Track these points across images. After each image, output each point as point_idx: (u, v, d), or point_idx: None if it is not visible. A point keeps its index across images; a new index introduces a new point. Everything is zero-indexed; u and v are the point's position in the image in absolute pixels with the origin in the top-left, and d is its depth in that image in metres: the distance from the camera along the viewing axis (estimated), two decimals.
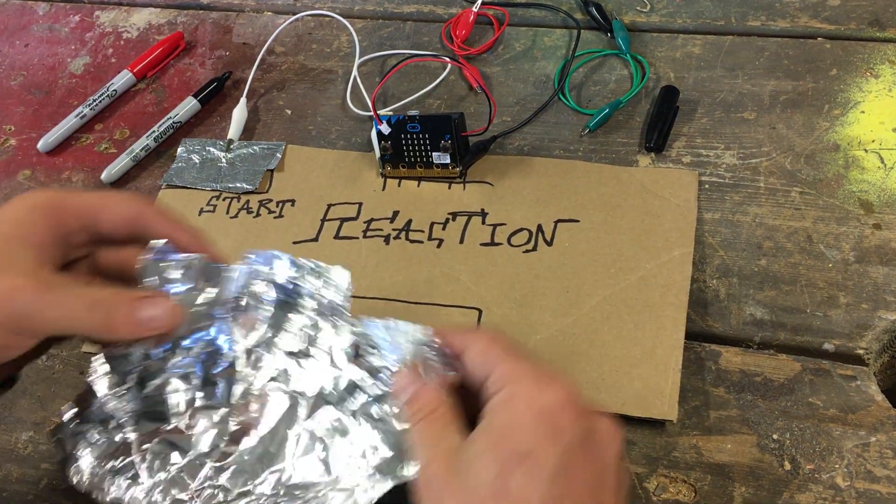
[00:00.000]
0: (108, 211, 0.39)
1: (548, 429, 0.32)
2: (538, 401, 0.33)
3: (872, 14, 0.58)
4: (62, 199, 0.38)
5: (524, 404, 0.33)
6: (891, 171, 0.50)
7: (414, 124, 0.52)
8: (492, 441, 0.33)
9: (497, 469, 0.32)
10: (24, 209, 0.37)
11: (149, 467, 0.37)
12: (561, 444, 0.32)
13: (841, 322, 0.45)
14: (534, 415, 0.32)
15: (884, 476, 0.40)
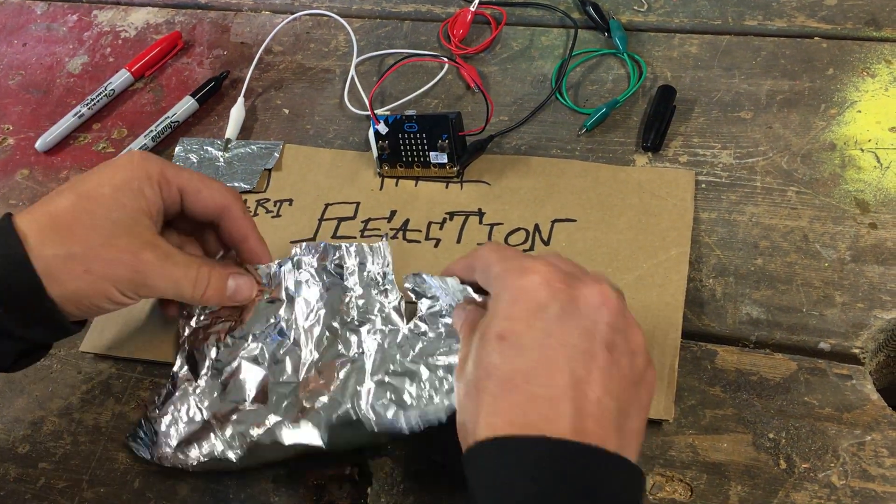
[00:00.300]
0: (205, 195, 0.45)
1: (525, 307, 0.35)
2: (516, 287, 0.36)
3: (869, 14, 0.58)
4: (172, 175, 0.44)
5: (507, 294, 0.36)
6: (887, 170, 0.50)
7: (411, 124, 0.52)
8: (481, 332, 0.36)
9: (480, 353, 0.35)
10: (140, 177, 0.42)
11: (229, 442, 0.43)
12: (541, 317, 0.34)
13: (837, 321, 0.45)
14: (512, 299, 0.35)
15: (879, 475, 0.40)
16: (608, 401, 0.33)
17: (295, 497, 0.43)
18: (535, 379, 0.33)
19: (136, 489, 0.45)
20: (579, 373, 0.33)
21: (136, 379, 0.49)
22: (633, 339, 0.36)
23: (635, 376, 0.35)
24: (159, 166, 0.43)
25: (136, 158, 0.43)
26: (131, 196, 0.42)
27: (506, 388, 0.34)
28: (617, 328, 0.35)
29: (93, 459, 0.46)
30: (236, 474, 0.45)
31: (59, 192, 0.42)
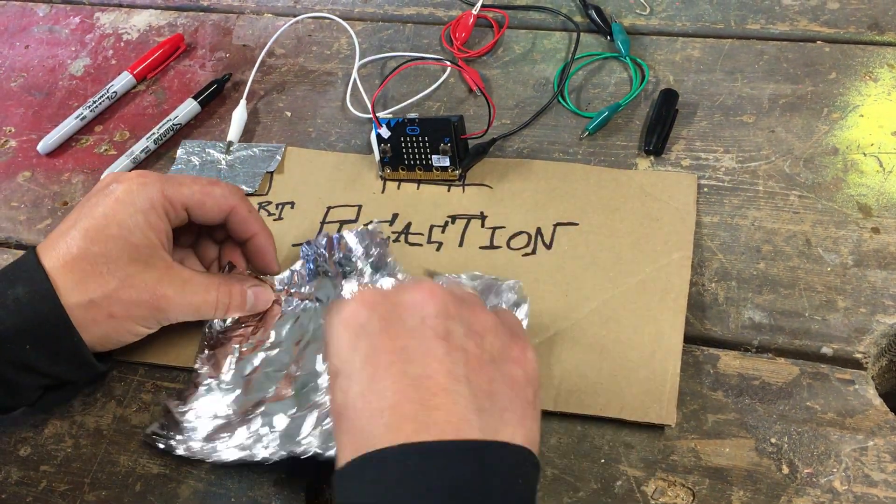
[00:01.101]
0: (210, 205, 0.45)
1: (347, 336, 0.34)
2: (336, 322, 0.35)
3: (871, 18, 0.58)
4: (174, 194, 0.44)
5: (330, 331, 0.35)
6: (889, 174, 0.50)
7: (413, 127, 0.52)
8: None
9: (330, 397, 0.35)
10: (144, 209, 0.43)
11: (258, 435, 0.43)
12: (363, 336, 0.34)
13: (839, 326, 0.45)
14: (336, 335, 0.35)
15: (881, 480, 0.40)
16: (457, 386, 0.31)
17: (297, 500, 0.43)
18: (372, 395, 0.32)
19: (138, 492, 0.45)
20: (416, 371, 0.32)
21: (137, 382, 0.49)
22: (475, 321, 0.34)
23: (489, 355, 0.34)
24: (160, 190, 0.43)
25: (136, 187, 0.43)
26: (140, 231, 0.43)
27: (348, 418, 0.33)
28: (448, 316, 0.33)
29: (94, 462, 0.46)
30: (237, 477, 0.44)
31: (71, 228, 0.43)
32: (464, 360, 0.33)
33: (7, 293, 0.41)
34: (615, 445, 0.43)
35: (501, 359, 0.34)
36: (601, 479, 0.42)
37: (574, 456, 0.43)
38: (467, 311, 0.35)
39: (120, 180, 0.44)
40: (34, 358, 0.41)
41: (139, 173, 0.44)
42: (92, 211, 0.43)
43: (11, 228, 0.59)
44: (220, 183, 0.46)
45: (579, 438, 0.44)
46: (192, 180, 0.45)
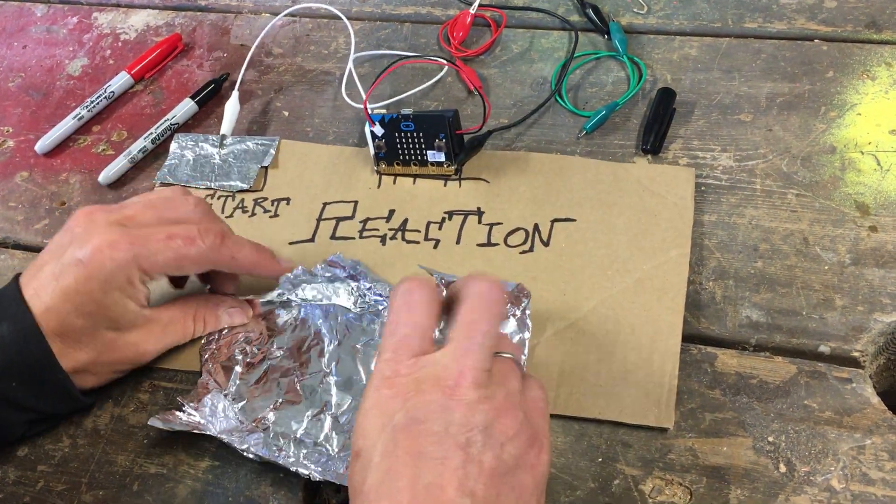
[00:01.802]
0: (187, 266, 0.44)
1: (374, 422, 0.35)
2: (370, 399, 0.35)
3: (869, 16, 0.58)
4: (148, 266, 0.43)
5: (364, 404, 0.36)
6: (887, 173, 0.50)
7: (408, 123, 0.52)
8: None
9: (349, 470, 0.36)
10: (120, 280, 0.42)
11: (272, 442, 0.44)
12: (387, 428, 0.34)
13: (837, 324, 0.45)
14: (364, 412, 0.35)
15: (879, 479, 0.40)
16: (462, 500, 0.32)
17: (294, 500, 0.43)
18: (383, 492, 0.32)
19: (135, 492, 0.45)
20: (428, 479, 0.32)
21: (134, 381, 0.49)
22: (498, 428, 0.34)
23: (505, 466, 0.33)
24: (133, 263, 0.42)
25: (108, 263, 0.42)
26: (118, 305, 0.43)
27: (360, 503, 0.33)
28: (473, 426, 0.33)
29: (91, 462, 0.46)
30: (234, 477, 0.44)
31: (52, 281, 0.42)
32: (476, 474, 0.33)
33: None
34: (613, 444, 0.43)
35: (515, 466, 0.34)
36: (599, 478, 0.42)
37: (572, 455, 0.43)
38: (494, 416, 0.34)
39: (89, 239, 0.42)
40: (20, 395, 0.42)
41: (108, 241, 0.42)
42: (68, 274, 0.42)
43: (9, 228, 0.59)
44: (195, 238, 0.44)
45: (577, 437, 0.44)
46: (165, 240, 0.43)
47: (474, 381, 0.34)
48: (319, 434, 0.43)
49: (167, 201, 0.46)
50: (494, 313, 0.37)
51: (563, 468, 0.43)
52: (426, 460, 0.32)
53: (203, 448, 0.45)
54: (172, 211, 0.45)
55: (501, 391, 0.35)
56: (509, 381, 0.36)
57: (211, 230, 0.44)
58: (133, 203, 0.45)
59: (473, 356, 0.35)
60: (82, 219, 0.44)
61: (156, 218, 0.44)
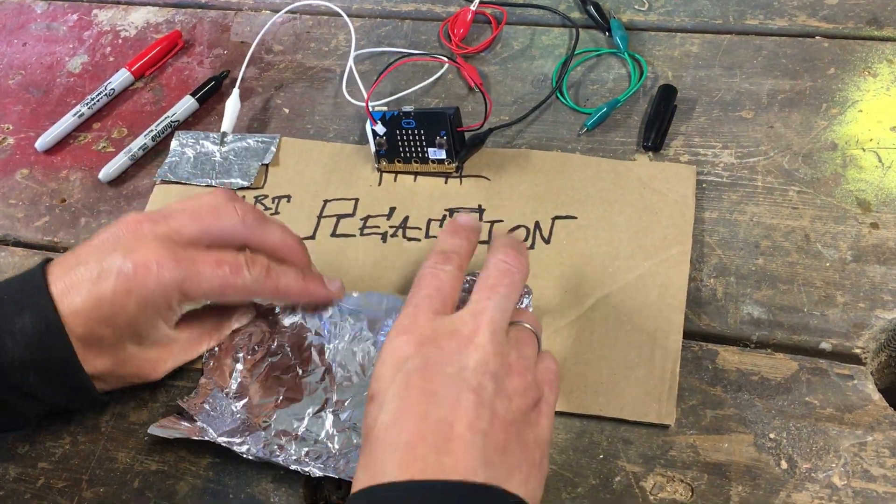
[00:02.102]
0: (230, 295, 0.43)
1: (389, 365, 0.36)
2: (386, 349, 0.37)
3: (870, 13, 0.58)
4: (192, 290, 0.41)
5: (381, 354, 0.37)
6: (888, 170, 0.50)
7: (409, 120, 0.52)
8: None
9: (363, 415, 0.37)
10: (159, 301, 0.41)
11: (273, 441, 0.43)
12: (401, 370, 0.35)
13: (838, 321, 0.45)
14: (381, 360, 0.37)
15: (880, 475, 0.40)
16: (471, 436, 0.33)
17: (295, 497, 0.43)
18: (393, 429, 0.34)
19: (136, 489, 0.45)
20: (440, 414, 0.33)
21: None
22: (509, 382, 0.36)
23: (513, 416, 0.35)
24: (178, 286, 0.41)
25: (152, 281, 0.40)
26: (149, 323, 0.42)
27: (370, 443, 0.34)
28: (486, 371, 0.35)
29: (92, 459, 0.46)
30: (235, 474, 0.44)
31: (85, 281, 0.40)
32: (488, 416, 0.34)
33: (14, 321, 0.40)
34: (614, 441, 0.43)
35: (521, 421, 0.35)
36: (600, 474, 0.42)
37: (573, 452, 0.43)
38: (508, 370, 0.36)
39: (135, 251, 0.40)
40: (37, 387, 0.41)
41: (156, 258, 0.40)
42: (107, 281, 0.40)
43: (9, 226, 0.59)
44: (241, 268, 0.42)
45: (578, 434, 0.44)
46: (213, 266, 0.41)
47: (491, 334, 0.36)
48: (320, 431, 0.43)
49: (214, 212, 0.43)
50: (515, 280, 0.39)
51: (564, 465, 0.43)
52: (438, 398, 0.34)
53: (204, 445, 0.45)
54: (218, 224, 0.43)
55: (515, 352, 0.37)
56: (524, 347, 0.38)
57: (259, 261, 0.42)
58: (180, 213, 0.43)
59: (490, 313, 0.37)
60: (130, 226, 0.42)
61: (201, 230, 0.42)
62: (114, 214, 0.58)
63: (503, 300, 0.38)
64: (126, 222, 0.42)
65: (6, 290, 0.41)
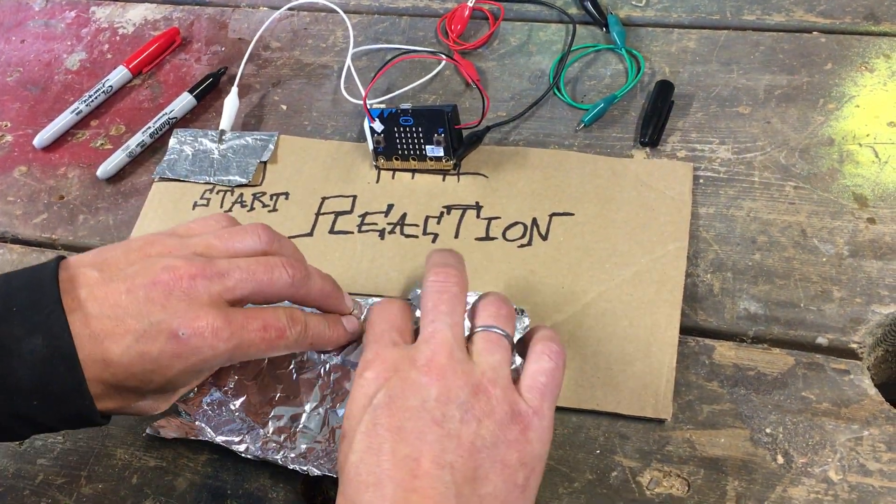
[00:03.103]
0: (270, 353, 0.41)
1: (357, 403, 0.36)
2: (355, 385, 0.37)
3: (867, 8, 0.58)
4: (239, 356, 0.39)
5: (352, 390, 0.37)
6: (885, 165, 0.50)
7: (407, 118, 0.52)
8: None
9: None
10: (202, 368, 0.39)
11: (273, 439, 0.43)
12: (368, 409, 0.36)
13: (834, 316, 0.45)
14: (351, 397, 0.37)
15: (876, 470, 0.40)
16: (438, 471, 0.33)
17: (293, 493, 0.44)
18: (362, 468, 0.34)
19: (135, 485, 0.45)
20: (406, 451, 0.33)
21: None
22: (475, 404, 0.35)
23: (483, 441, 0.34)
24: (229, 355, 0.39)
25: (207, 351, 0.38)
26: (180, 385, 0.40)
27: (343, 483, 0.35)
28: (448, 400, 0.35)
29: (91, 456, 0.46)
30: (233, 470, 0.45)
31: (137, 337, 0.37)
32: (454, 447, 0.34)
33: (23, 341, 0.36)
34: (610, 436, 0.43)
35: (495, 443, 0.35)
36: (596, 469, 0.42)
37: (569, 447, 0.43)
38: (469, 390, 0.35)
39: (192, 318, 0.37)
40: (38, 413, 0.37)
41: (212, 328, 0.37)
42: (156, 341, 0.37)
43: (7, 223, 0.59)
44: (284, 330, 0.40)
45: (574, 429, 0.44)
46: (260, 332, 0.39)
47: (447, 357, 0.36)
48: (318, 428, 0.44)
49: (267, 271, 0.40)
50: (453, 293, 0.39)
51: (560, 460, 0.43)
52: (404, 435, 0.34)
53: (202, 441, 0.45)
54: (270, 286, 0.40)
55: (478, 367, 0.36)
56: (486, 354, 0.37)
57: (298, 319, 0.41)
58: (235, 270, 0.39)
59: (440, 335, 0.37)
60: (184, 281, 0.38)
61: (253, 291, 0.40)
62: (112, 211, 0.58)
63: (448, 317, 0.38)
64: (177, 273, 0.38)
65: (15, 298, 0.37)
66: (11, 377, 0.36)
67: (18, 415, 0.37)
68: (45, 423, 0.38)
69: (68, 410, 0.37)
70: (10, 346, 0.36)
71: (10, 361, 0.36)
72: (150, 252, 0.40)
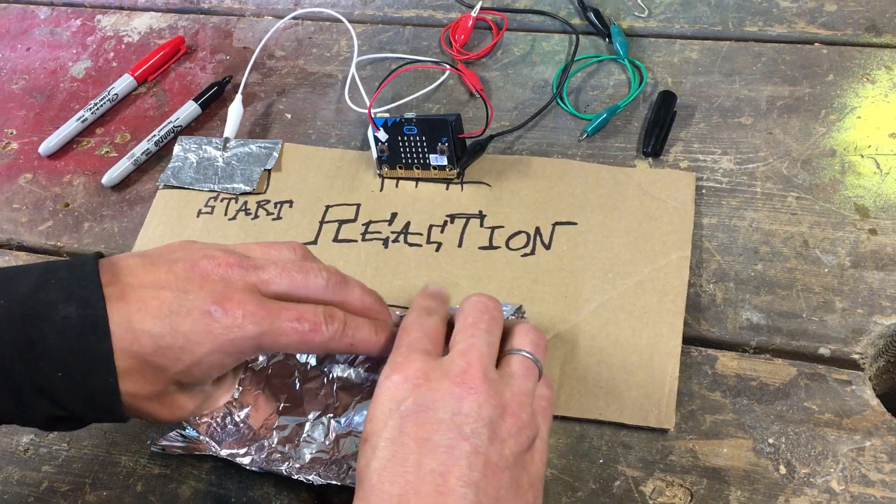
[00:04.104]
0: (304, 349, 0.42)
1: (383, 407, 0.36)
2: (380, 387, 0.37)
3: (869, 20, 0.59)
4: (269, 345, 0.39)
5: (376, 393, 0.37)
6: (886, 176, 0.51)
7: (411, 127, 0.53)
8: None
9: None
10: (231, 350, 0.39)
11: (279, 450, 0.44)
12: (395, 414, 0.35)
13: (836, 327, 0.45)
14: (375, 400, 0.37)
15: (878, 480, 0.40)
16: (463, 489, 0.33)
17: (296, 500, 0.44)
18: (386, 476, 0.34)
19: (139, 492, 0.45)
20: (432, 465, 0.33)
21: None
22: (503, 425, 0.35)
23: (506, 462, 0.34)
24: (256, 340, 0.39)
25: (236, 332, 0.38)
26: (206, 372, 0.39)
27: (363, 489, 0.34)
28: (479, 417, 0.34)
29: (95, 463, 0.47)
30: (237, 478, 0.45)
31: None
32: (481, 466, 0.34)
33: (58, 307, 0.36)
34: (613, 446, 0.43)
35: (514, 464, 0.35)
36: (600, 479, 0.42)
37: (572, 456, 0.43)
38: (501, 412, 0.35)
39: (226, 298, 0.38)
40: (61, 389, 0.37)
41: (244, 309, 0.38)
42: (189, 315, 0.38)
43: (13, 230, 0.59)
44: (320, 325, 0.40)
45: (578, 439, 0.44)
46: (294, 322, 0.39)
47: (482, 373, 0.36)
48: (322, 437, 0.44)
49: (302, 270, 0.41)
50: (494, 316, 0.39)
51: (563, 469, 0.43)
52: (431, 447, 0.34)
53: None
54: (304, 284, 0.41)
55: (509, 388, 0.36)
56: (520, 378, 0.37)
57: (336, 316, 0.40)
58: (270, 265, 0.40)
59: (477, 350, 0.37)
60: (220, 268, 0.39)
61: (289, 287, 0.40)
62: (116, 219, 0.58)
63: (486, 335, 0.38)
64: (217, 261, 0.39)
65: (55, 272, 0.38)
66: (41, 342, 0.36)
67: (41, 389, 0.37)
68: (65, 404, 0.37)
69: (92, 386, 0.37)
70: (44, 312, 0.36)
71: (42, 326, 0.36)
72: (190, 247, 0.41)
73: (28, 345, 0.36)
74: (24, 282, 0.38)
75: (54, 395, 0.37)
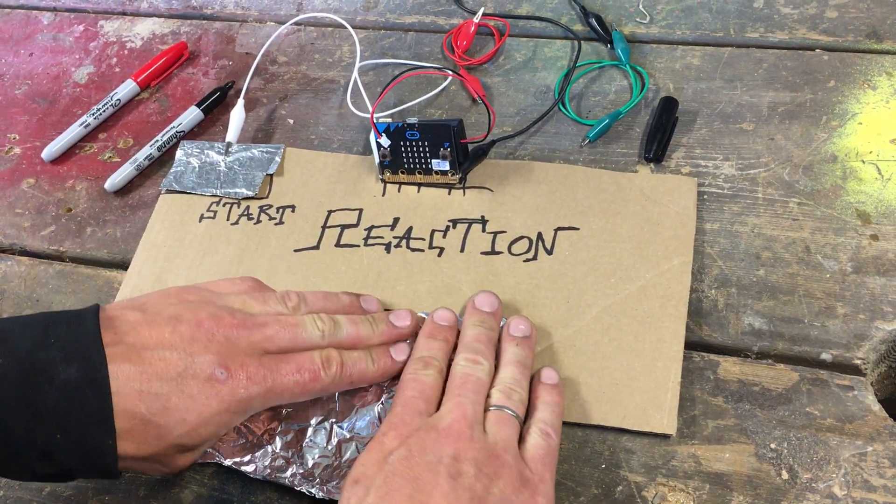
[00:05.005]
0: (305, 398, 0.43)
1: (375, 455, 0.39)
2: (374, 440, 0.40)
3: (870, 26, 0.59)
4: (273, 401, 0.42)
5: (369, 444, 0.40)
6: (888, 182, 0.51)
7: (413, 132, 0.53)
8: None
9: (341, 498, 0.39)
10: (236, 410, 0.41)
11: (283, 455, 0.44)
12: (388, 460, 0.38)
13: (838, 332, 0.46)
14: (367, 449, 0.40)
15: (881, 485, 0.40)
16: None
17: None
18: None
19: (142, 497, 0.45)
20: (420, 499, 0.36)
21: None
22: (487, 467, 0.38)
23: (495, 498, 0.37)
24: (261, 399, 0.41)
25: (242, 392, 0.40)
26: (206, 434, 0.40)
27: None
28: (464, 459, 0.37)
29: None
30: (240, 483, 0.45)
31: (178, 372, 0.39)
32: (468, 497, 0.36)
33: (59, 369, 0.37)
34: (616, 451, 0.43)
35: (507, 502, 0.37)
36: (602, 484, 0.42)
37: (575, 461, 0.43)
38: (486, 455, 0.38)
39: (230, 361, 0.40)
40: (58, 448, 0.37)
41: (248, 373, 0.40)
42: (195, 380, 0.39)
43: (16, 235, 0.59)
44: (318, 371, 0.42)
45: (580, 444, 0.44)
46: (294, 374, 0.41)
47: (468, 427, 0.39)
48: (324, 442, 0.44)
49: (301, 325, 0.43)
50: (478, 378, 0.42)
51: (566, 475, 0.43)
52: (420, 483, 0.37)
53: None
54: (304, 337, 0.43)
55: (493, 437, 0.39)
56: (503, 430, 0.40)
57: (332, 359, 0.43)
58: (273, 323, 0.42)
59: (462, 409, 0.40)
60: (225, 329, 0.41)
61: (290, 342, 0.42)
62: (119, 224, 0.58)
63: (473, 395, 0.41)
64: (222, 322, 0.41)
65: (55, 329, 0.38)
66: (42, 401, 0.37)
67: (39, 449, 0.37)
68: (61, 462, 0.37)
69: (88, 444, 0.37)
70: (46, 371, 0.37)
71: (42, 386, 0.37)
72: (188, 298, 0.42)
73: (27, 405, 0.36)
74: (23, 339, 0.38)
75: (52, 454, 0.37)
